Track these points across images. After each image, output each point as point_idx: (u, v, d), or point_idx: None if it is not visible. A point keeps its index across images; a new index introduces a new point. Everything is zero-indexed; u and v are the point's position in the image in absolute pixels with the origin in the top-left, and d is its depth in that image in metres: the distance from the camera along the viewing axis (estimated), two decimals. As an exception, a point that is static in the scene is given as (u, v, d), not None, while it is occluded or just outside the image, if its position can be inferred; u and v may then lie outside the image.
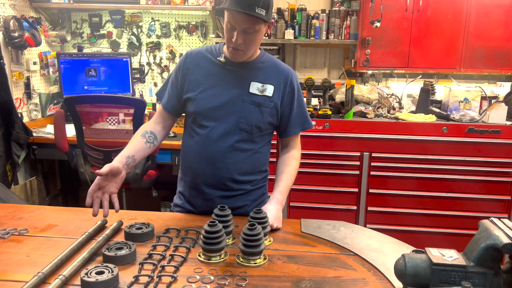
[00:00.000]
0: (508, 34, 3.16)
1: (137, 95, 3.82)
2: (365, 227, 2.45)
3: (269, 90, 1.55)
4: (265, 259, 1.23)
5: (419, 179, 3.06)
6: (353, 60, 3.51)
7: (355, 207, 3.16)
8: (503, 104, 3.07)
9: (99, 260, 1.20)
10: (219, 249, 1.22)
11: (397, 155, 3.05)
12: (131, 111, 2.74)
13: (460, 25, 3.17)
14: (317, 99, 3.36)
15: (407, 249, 1.30)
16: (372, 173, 3.09)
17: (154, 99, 3.80)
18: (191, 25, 3.68)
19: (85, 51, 3.74)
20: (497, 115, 2.99)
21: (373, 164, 3.07)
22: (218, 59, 1.55)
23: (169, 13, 3.67)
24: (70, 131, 2.84)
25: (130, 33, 3.75)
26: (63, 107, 3.25)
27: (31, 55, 3.38)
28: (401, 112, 3.20)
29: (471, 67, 3.25)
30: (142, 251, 1.25)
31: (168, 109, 1.63)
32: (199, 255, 1.24)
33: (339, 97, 3.22)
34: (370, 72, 3.48)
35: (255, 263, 1.21)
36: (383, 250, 1.31)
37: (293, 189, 2.97)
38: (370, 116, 3.12)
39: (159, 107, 1.79)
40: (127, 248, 1.20)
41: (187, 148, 1.60)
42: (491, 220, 1.03)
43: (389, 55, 3.27)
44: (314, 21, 3.40)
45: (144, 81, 3.84)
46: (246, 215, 1.40)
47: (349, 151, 3.07)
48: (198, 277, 1.13)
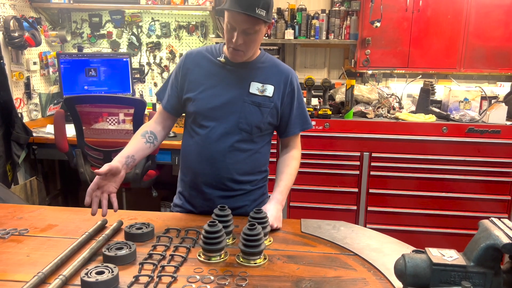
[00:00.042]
0: (508, 34, 3.16)
1: (137, 95, 3.81)
2: (365, 227, 2.45)
3: (269, 90, 1.55)
4: (265, 259, 1.23)
5: (419, 179, 3.06)
6: (353, 60, 3.51)
7: (355, 207, 3.16)
8: (503, 104, 3.07)
9: (99, 260, 1.20)
10: (219, 249, 1.22)
11: (397, 155, 3.05)
12: (131, 111, 2.74)
13: (460, 25, 3.17)
14: (317, 99, 3.36)
15: (407, 249, 1.30)
16: (372, 173, 3.09)
17: (154, 99, 3.80)
18: (191, 25, 3.68)
19: (85, 51, 3.74)
20: (497, 115, 3.00)
21: (373, 164, 3.07)
22: (218, 59, 1.55)
23: (169, 13, 3.67)
24: (70, 131, 2.84)
25: (130, 33, 3.75)
26: (63, 107, 3.25)
27: (31, 55, 3.37)
28: (401, 112, 3.20)
29: (471, 67, 3.25)
30: (142, 251, 1.25)
31: (168, 109, 1.63)
32: (199, 255, 1.24)
33: (339, 97, 3.22)
34: (370, 72, 3.48)
35: (255, 263, 1.21)
36: (383, 250, 1.31)
37: (293, 189, 2.97)
38: (370, 116, 3.12)
39: (159, 107, 1.79)
40: (127, 248, 1.21)
41: (187, 148, 1.60)
42: (491, 220, 1.03)
43: (389, 55, 3.27)
44: (314, 21, 3.40)
45: (144, 81, 3.84)
46: (246, 215, 1.40)
47: (349, 151, 3.07)
48: (198, 277, 1.13)
